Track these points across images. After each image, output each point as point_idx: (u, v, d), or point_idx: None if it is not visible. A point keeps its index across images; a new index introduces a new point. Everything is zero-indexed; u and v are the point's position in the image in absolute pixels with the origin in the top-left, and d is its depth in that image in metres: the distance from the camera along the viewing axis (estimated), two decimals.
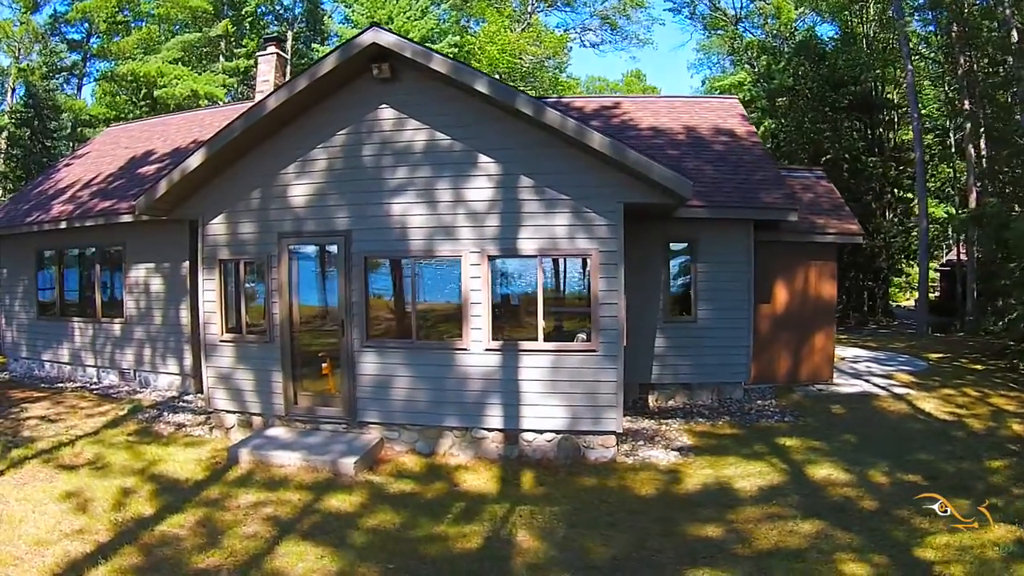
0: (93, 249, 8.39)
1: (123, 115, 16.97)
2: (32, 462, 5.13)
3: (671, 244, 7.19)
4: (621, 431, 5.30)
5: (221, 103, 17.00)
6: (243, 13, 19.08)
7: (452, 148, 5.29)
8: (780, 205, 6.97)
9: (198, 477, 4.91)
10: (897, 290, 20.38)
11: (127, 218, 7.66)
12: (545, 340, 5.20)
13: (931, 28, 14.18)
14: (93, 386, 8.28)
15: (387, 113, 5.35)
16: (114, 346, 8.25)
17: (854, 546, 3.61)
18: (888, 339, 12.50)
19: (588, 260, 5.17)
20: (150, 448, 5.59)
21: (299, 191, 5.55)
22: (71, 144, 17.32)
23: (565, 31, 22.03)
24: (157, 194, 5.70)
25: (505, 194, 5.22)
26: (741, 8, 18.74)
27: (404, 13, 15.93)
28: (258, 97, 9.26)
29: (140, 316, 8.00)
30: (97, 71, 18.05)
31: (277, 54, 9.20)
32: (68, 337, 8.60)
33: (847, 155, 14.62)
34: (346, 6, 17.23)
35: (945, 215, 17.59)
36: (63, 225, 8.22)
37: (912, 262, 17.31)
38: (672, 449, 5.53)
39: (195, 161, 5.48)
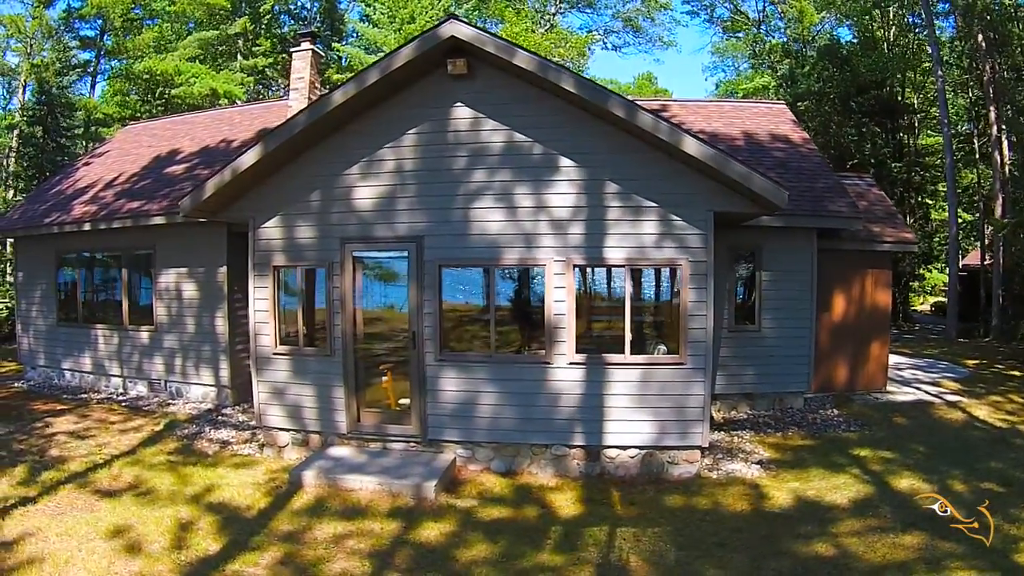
0: (119, 252, 7.91)
1: (138, 114, 16.35)
2: (67, 487, 4.72)
3: (736, 252, 6.98)
4: (707, 446, 5.05)
5: (240, 101, 16.47)
6: (260, 11, 18.53)
7: (532, 150, 4.98)
8: (846, 214, 6.82)
9: (261, 505, 4.49)
10: (913, 295, 20.52)
11: (159, 220, 7.22)
12: (632, 353, 4.92)
13: (949, 32, 14.26)
14: (120, 397, 7.80)
15: (462, 112, 5.02)
16: (142, 355, 7.78)
17: (957, 555, 3.58)
18: (918, 345, 12.48)
19: (678, 270, 4.90)
20: (196, 470, 5.17)
21: (365, 193, 5.18)
22: (85, 143, 16.67)
23: (589, 32, 21.87)
24: (205, 194, 5.30)
25: (590, 200, 4.92)
26: (763, 11, 18.72)
27: (426, 12, 15.55)
28: (292, 94, 8.89)
29: (171, 323, 7.54)
30: (111, 69, 17.39)
31: (312, 50, 8.81)
32: (91, 345, 8.10)
33: (873, 160, 14.62)
34: (366, 5, 16.79)
35: (960, 220, 17.68)
36: (86, 227, 7.74)
37: (930, 267, 17.41)
38: (753, 463, 5.32)
39: (249, 159, 5.08)
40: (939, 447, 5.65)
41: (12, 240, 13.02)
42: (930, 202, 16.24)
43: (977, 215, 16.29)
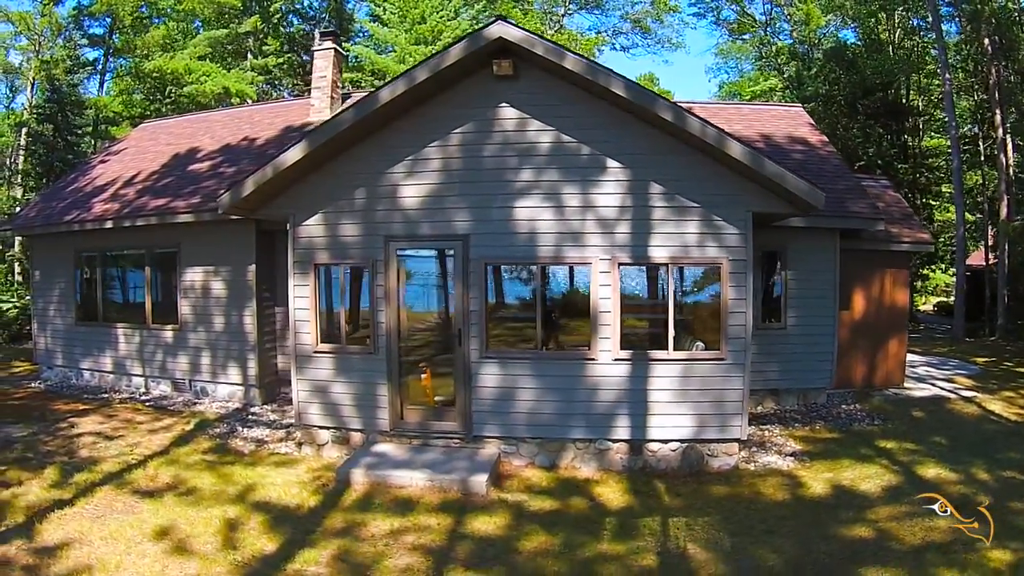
0: (141, 250, 7.93)
1: (147, 112, 16.25)
2: (103, 489, 4.68)
3: (763, 252, 7.19)
4: (746, 438, 5.25)
5: (250, 101, 16.45)
6: (270, 10, 18.48)
7: (579, 151, 5.14)
8: (868, 215, 7.09)
9: (311, 503, 4.54)
10: (916, 295, 21.01)
11: (186, 217, 7.26)
12: (674, 349, 5.10)
13: (953, 36, 14.66)
14: (143, 397, 7.82)
15: (508, 112, 5.17)
16: (166, 354, 7.81)
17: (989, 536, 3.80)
18: (926, 344, 12.84)
19: (719, 269, 5.09)
20: (236, 469, 5.21)
21: (410, 191, 5.30)
22: (94, 141, 16.51)
23: (597, 34, 22.11)
24: (245, 191, 5.35)
25: (635, 200, 5.09)
26: (770, 13, 19.08)
27: (437, 13, 15.65)
28: (315, 93, 8.97)
29: (197, 322, 7.58)
30: (120, 67, 17.22)
31: (335, 49, 8.90)
32: (112, 344, 8.11)
33: (880, 162, 15.01)
34: (375, 4, 16.85)
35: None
36: (108, 224, 7.74)
37: (932, 268, 17.86)
38: (786, 455, 5.57)
39: (293, 156, 5.15)
40: (959, 439, 5.94)
41: (21, 238, 13.10)
42: (934, 203, 16.67)
43: (980, 216, 16.75)
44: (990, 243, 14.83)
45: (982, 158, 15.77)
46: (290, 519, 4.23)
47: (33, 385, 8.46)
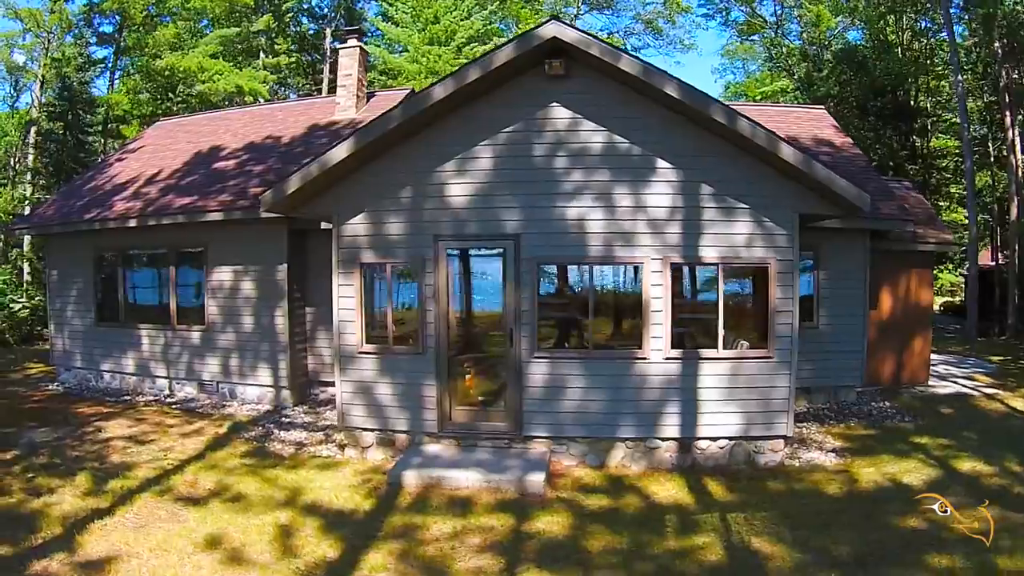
0: (165, 250, 7.88)
1: (157, 111, 16.10)
2: (142, 496, 4.56)
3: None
4: (791, 435, 5.38)
5: (261, 100, 16.38)
6: (283, 9, 18.42)
7: (630, 152, 5.22)
8: (898, 216, 7.29)
9: (365, 506, 4.51)
10: None
11: (216, 216, 7.23)
12: (723, 348, 5.21)
13: (960, 38, 14.98)
14: (168, 399, 7.78)
15: (559, 112, 5.23)
16: (192, 355, 7.77)
17: None
18: (939, 342, 13.15)
19: (767, 269, 5.20)
20: (279, 472, 5.17)
21: (459, 190, 5.34)
22: (103, 140, 16.34)
23: (609, 35, 22.26)
24: (290, 188, 5.34)
25: (686, 201, 5.18)
26: (780, 15, 19.35)
27: (450, 12, 15.72)
28: (340, 91, 8.98)
29: (225, 323, 7.56)
30: (128, 65, 17.05)
31: (360, 47, 8.92)
32: (134, 346, 8.05)
33: (891, 163, 15.33)
34: (387, 4, 16.87)
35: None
36: (131, 223, 7.68)
37: (940, 268, 18.24)
38: (827, 451, 5.72)
39: (341, 153, 5.15)
40: (988, 434, 6.16)
41: (29, 237, 12.87)
42: (943, 204, 17.02)
43: (987, 217, 17.16)
44: (999, 243, 15.21)
45: (991, 159, 16.18)
46: (347, 523, 4.20)
47: (51, 387, 8.38)
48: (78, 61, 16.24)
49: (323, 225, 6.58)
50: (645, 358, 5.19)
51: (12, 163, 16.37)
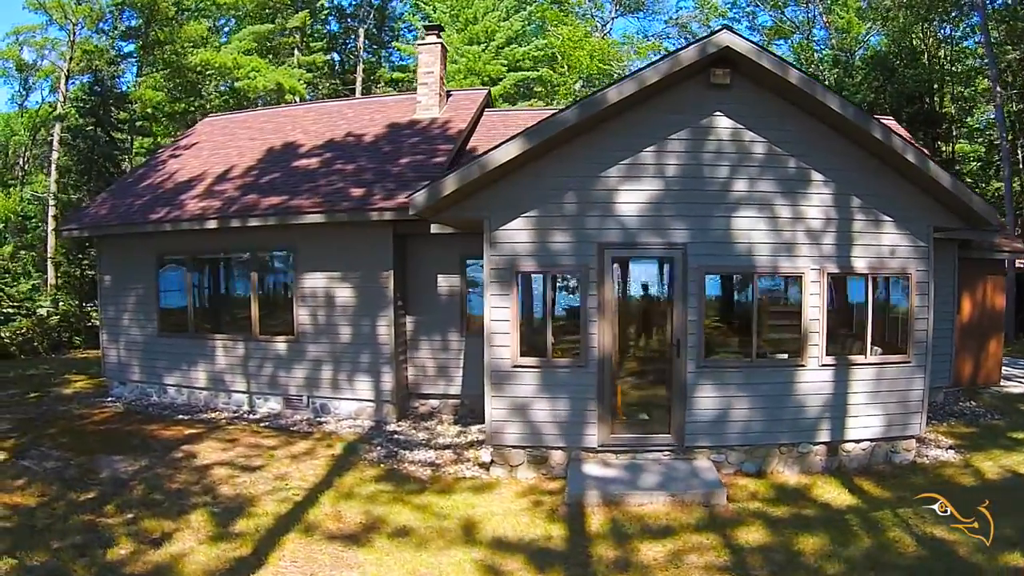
0: (245, 253, 7.74)
1: (190, 108, 15.51)
2: (288, 537, 4.21)
3: None
4: (923, 435, 5.97)
5: (297, 98, 16.09)
6: (317, 6, 18.16)
7: (787, 163, 5.61)
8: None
9: (554, 533, 4.40)
10: None
11: (316, 218, 7.13)
12: (870, 353, 5.72)
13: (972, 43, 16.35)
14: (249, 415, 7.59)
15: (722, 122, 5.55)
16: (277, 367, 7.64)
17: None
18: None
19: (908, 277, 5.75)
20: (429, 499, 5.00)
21: (626, 197, 5.51)
22: (131, 137, 15.56)
23: (645, 37, 23.06)
24: (446, 190, 5.36)
25: (839, 212, 5.62)
26: (811, 20, 20.46)
27: (489, 13, 15.96)
28: (421, 89, 9.06)
29: (318, 332, 7.49)
30: (159, 61, 16.32)
31: (440, 43, 9.03)
32: (206, 357, 7.84)
33: None
34: (424, 3, 16.93)
35: None
36: (211, 224, 7.48)
37: None
38: (945, 448, 6.29)
39: (506, 154, 5.20)
40: None
41: (54, 236, 12.03)
42: None
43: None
44: None
45: (1020, 165, 17.75)
46: (552, 555, 4.10)
47: (108, 404, 7.99)
48: (110, 54, 15.52)
49: (433, 228, 6.64)
50: (803, 365, 5.58)
51: (21, 163, 15.44)
